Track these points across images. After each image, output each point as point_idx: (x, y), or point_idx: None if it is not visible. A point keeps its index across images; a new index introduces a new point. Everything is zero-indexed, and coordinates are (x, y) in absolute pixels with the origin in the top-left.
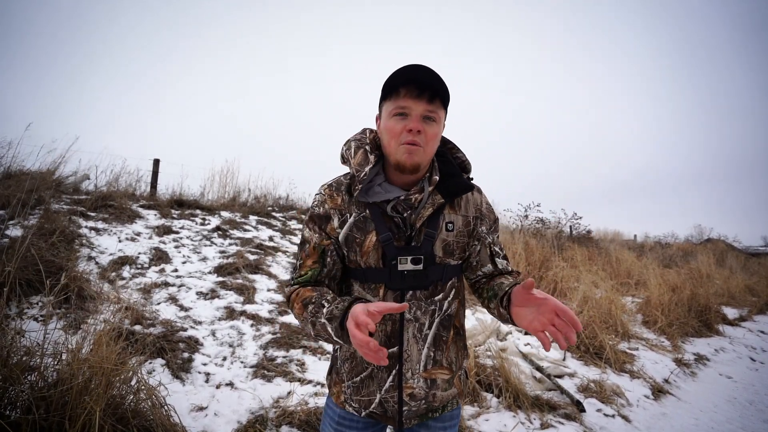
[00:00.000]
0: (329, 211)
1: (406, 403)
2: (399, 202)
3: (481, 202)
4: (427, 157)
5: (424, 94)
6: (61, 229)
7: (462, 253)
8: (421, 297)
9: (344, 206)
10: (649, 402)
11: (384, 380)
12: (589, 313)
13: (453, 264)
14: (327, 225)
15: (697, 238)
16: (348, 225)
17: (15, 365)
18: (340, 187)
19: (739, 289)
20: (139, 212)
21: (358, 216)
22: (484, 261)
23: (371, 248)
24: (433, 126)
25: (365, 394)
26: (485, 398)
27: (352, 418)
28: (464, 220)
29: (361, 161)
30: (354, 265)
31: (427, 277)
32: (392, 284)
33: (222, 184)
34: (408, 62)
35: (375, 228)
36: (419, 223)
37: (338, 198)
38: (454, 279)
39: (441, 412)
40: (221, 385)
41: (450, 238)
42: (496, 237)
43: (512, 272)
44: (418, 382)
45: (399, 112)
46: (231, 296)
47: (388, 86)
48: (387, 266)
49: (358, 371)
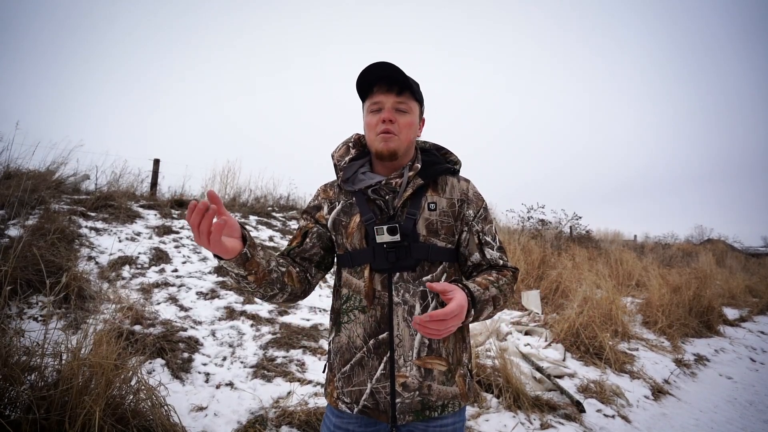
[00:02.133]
0: (321, 202)
1: (399, 394)
2: (381, 187)
3: (468, 188)
4: (403, 144)
5: (392, 88)
6: (61, 229)
7: (449, 235)
8: (408, 279)
9: (334, 196)
10: (649, 402)
11: (375, 368)
12: (589, 313)
13: (440, 245)
14: (317, 213)
15: (698, 239)
16: (336, 211)
17: (15, 365)
18: (333, 184)
19: (740, 290)
20: (139, 212)
21: (345, 202)
22: (472, 250)
23: (355, 229)
24: (405, 116)
25: (356, 384)
26: (485, 398)
27: (348, 427)
28: (448, 202)
29: (342, 153)
30: (342, 250)
31: (411, 254)
32: (377, 263)
33: (223, 184)
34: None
35: (359, 211)
36: (400, 203)
37: (330, 191)
38: (445, 264)
39: (440, 412)
40: (221, 385)
41: (433, 217)
42: (487, 226)
43: (505, 266)
44: (411, 370)
45: (374, 108)
46: (231, 296)
47: (362, 88)
48: (370, 245)
49: (347, 358)
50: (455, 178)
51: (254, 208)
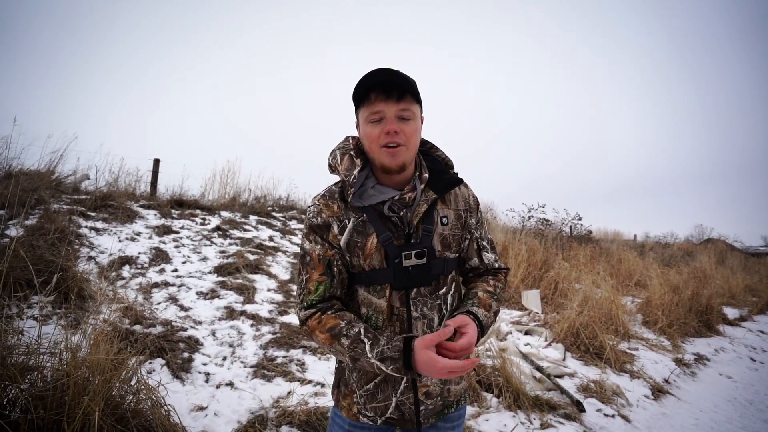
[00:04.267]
0: (327, 219)
1: (423, 402)
2: (394, 202)
3: (469, 195)
4: (410, 155)
5: (392, 94)
6: (61, 229)
7: (458, 246)
8: (425, 293)
9: (341, 213)
10: (649, 402)
11: (398, 382)
12: (589, 313)
13: (451, 257)
14: (328, 234)
15: (697, 238)
16: (348, 230)
17: (14, 365)
18: (333, 196)
19: (740, 289)
20: (139, 212)
21: (357, 220)
22: (470, 254)
23: (374, 250)
24: (409, 124)
25: (381, 400)
26: (485, 398)
27: (363, 426)
28: (456, 214)
29: (348, 166)
30: (358, 270)
31: (430, 271)
32: (397, 283)
33: (223, 183)
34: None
35: (375, 230)
36: (416, 219)
37: (334, 206)
38: (453, 273)
39: (455, 407)
40: (221, 385)
41: (446, 232)
42: (483, 231)
43: (500, 269)
44: (432, 379)
45: (374, 118)
46: (231, 296)
47: (358, 95)
48: (390, 266)
49: (370, 377)
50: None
51: (254, 208)
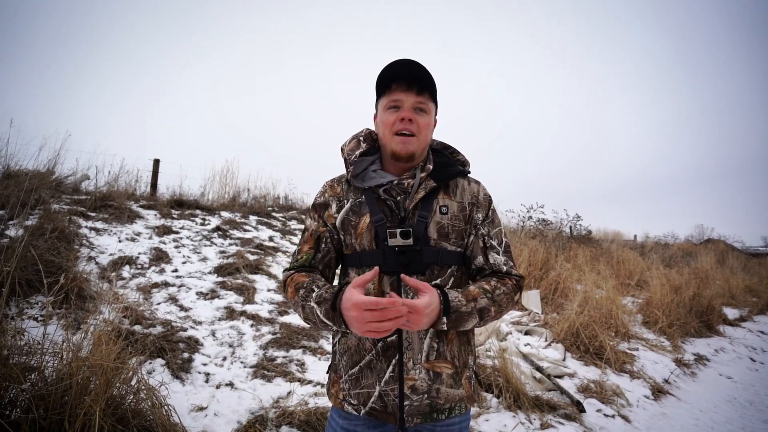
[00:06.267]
0: (329, 199)
1: (408, 396)
2: (392, 187)
3: (479, 191)
4: (421, 146)
5: (413, 87)
6: (61, 229)
7: (459, 239)
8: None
9: (342, 194)
10: (649, 402)
11: (383, 371)
12: (589, 313)
13: (450, 249)
14: (325, 212)
15: (698, 239)
16: (344, 210)
17: (15, 365)
18: (341, 180)
19: (740, 290)
20: (139, 212)
21: (354, 201)
22: (476, 253)
23: (365, 230)
24: (424, 116)
25: (364, 387)
26: (485, 398)
27: (355, 429)
28: (459, 206)
29: (353, 147)
30: (350, 250)
31: (422, 257)
32: (386, 265)
33: (222, 184)
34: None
35: (369, 210)
36: (411, 205)
37: (338, 188)
38: (453, 268)
39: (447, 415)
40: (221, 385)
41: (444, 221)
42: (494, 230)
43: (509, 274)
44: (419, 373)
45: (392, 105)
46: (231, 296)
47: (381, 84)
48: (380, 247)
49: (356, 360)
50: (466, 180)
51: (254, 208)
